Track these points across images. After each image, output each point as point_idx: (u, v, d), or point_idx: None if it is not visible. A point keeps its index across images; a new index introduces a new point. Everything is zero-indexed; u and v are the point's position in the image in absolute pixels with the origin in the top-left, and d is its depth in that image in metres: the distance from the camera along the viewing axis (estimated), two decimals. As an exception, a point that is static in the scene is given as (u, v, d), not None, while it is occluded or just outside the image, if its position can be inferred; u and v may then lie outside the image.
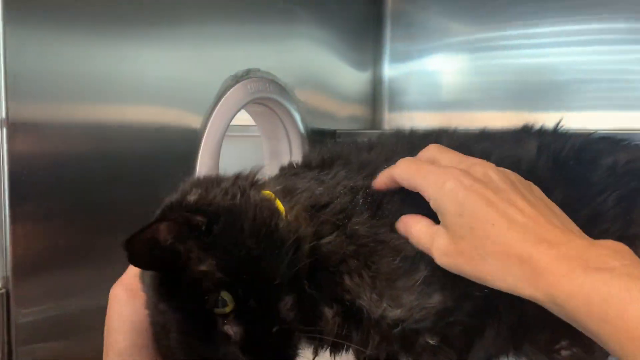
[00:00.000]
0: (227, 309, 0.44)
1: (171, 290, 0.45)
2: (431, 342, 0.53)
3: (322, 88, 1.11)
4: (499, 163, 0.57)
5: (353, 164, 0.59)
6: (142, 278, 0.51)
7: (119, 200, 0.69)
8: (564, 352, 0.64)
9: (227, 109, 0.82)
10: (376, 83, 1.33)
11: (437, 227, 0.50)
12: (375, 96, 1.34)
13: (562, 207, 0.57)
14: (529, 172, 0.58)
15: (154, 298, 0.48)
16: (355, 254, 0.51)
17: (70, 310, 0.65)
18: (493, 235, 0.46)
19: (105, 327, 0.52)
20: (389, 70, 1.33)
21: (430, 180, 0.50)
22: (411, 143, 0.63)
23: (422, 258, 0.51)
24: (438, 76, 1.28)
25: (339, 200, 0.53)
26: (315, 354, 0.55)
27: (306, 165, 0.61)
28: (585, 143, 0.66)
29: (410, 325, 0.52)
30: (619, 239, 0.59)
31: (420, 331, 0.53)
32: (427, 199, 0.50)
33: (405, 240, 0.52)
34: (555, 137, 0.67)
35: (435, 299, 0.52)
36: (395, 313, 0.51)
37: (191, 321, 0.45)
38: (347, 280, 0.51)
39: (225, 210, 0.47)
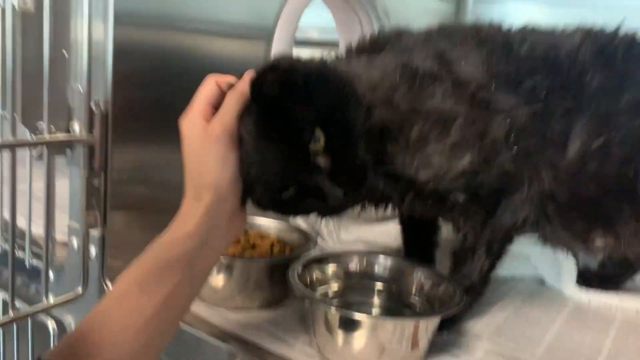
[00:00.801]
0: (319, 145, 0.52)
1: (274, 129, 0.53)
2: (460, 199, 0.59)
3: (403, 5, 1.13)
4: (534, 46, 0.64)
5: (396, 48, 0.65)
6: (242, 122, 0.55)
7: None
8: (598, 241, 0.67)
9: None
10: (459, 18, 1.33)
11: None
12: None
13: (597, 91, 0.61)
14: (567, 56, 0.62)
15: (256, 136, 0.53)
16: (395, 122, 0.59)
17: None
18: None
19: (187, 160, 0.54)
20: (473, 7, 1.32)
21: None
22: (451, 32, 0.68)
23: (454, 123, 0.57)
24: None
25: (387, 79, 0.60)
26: (363, 207, 0.63)
27: (362, 49, 0.68)
28: (638, 40, 0.66)
29: (441, 184, 0.58)
30: None
31: (450, 189, 0.59)
32: None
33: (438, 106, 0.58)
34: (606, 33, 0.67)
35: (465, 161, 0.58)
36: (425, 173, 0.59)
37: (290, 154, 0.52)
38: (387, 147, 0.59)
39: (318, 72, 0.55)
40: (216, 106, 0.55)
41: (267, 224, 0.78)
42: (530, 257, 0.87)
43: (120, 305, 0.49)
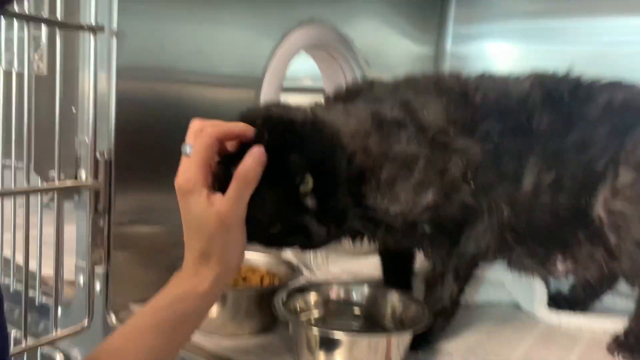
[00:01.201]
0: (308, 187, 0.59)
1: (269, 172, 0.56)
2: (427, 230, 0.66)
3: (382, 53, 1.22)
4: (487, 94, 0.72)
5: (368, 97, 0.73)
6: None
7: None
8: (559, 265, 0.73)
9: (289, 49, 0.95)
10: (438, 60, 1.41)
11: None
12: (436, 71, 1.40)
13: (546, 131, 0.69)
14: (517, 102, 0.70)
15: None
16: (369, 166, 0.66)
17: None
18: None
19: (192, 231, 0.56)
20: (451, 48, 1.39)
21: None
22: (415, 82, 0.76)
23: (417, 164, 0.65)
24: (495, 60, 1.33)
25: (362, 126, 0.68)
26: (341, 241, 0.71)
27: (339, 98, 0.76)
28: (583, 83, 0.74)
29: (408, 218, 0.66)
30: (610, 164, 0.69)
31: (417, 222, 0.65)
32: None
33: (403, 150, 0.66)
34: (553, 77, 0.75)
35: (428, 197, 0.66)
36: (394, 209, 0.66)
37: (282, 195, 0.58)
38: (363, 188, 0.66)
39: (312, 123, 0.62)
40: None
41: (257, 258, 0.84)
42: (504, 283, 0.93)
43: (136, 342, 0.55)
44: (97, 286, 0.78)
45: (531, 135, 0.71)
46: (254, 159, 0.55)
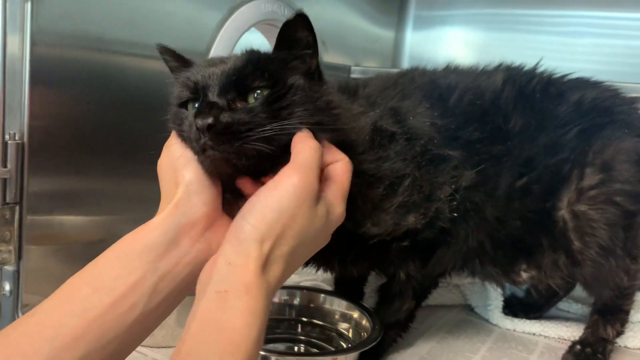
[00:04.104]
0: None
1: None
2: (403, 244, 0.61)
3: (341, 35, 1.14)
4: (462, 94, 0.65)
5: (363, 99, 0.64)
6: None
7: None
8: (523, 274, 0.69)
9: (238, 24, 0.86)
10: (398, 44, 1.35)
11: None
12: (395, 56, 1.35)
13: (520, 134, 0.63)
14: (492, 102, 0.64)
15: None
16: (358, 186, 0.57)
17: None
18: None
19: (162, 170, 0.50)
20: (412, 33, 1.34)
21: None
22: (386, 81, 0.69)
23: (402, 184, 0.58)
24: (456, 46, 1.29)
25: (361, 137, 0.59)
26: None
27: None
28: (554, 79, 0.70)
29: (385, 237, 0.59)
30: (576, 166, 0.64)
31: (393, 241, 0.60)
32: None
33: (391, 167, 0.58)
34: (525, 72, 0.70)
35: (409, 220, 0.59)
36: (373, 230, 0.59)
37: None
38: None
39: None
40: None
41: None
42: (459, 286, 0.89)
43: (62, 305, 0.43)
44: (7, 286, 0.68)
45: (507, 140, 0.65)
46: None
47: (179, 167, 0.49)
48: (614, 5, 1.11)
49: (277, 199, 0.44)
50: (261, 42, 1.05)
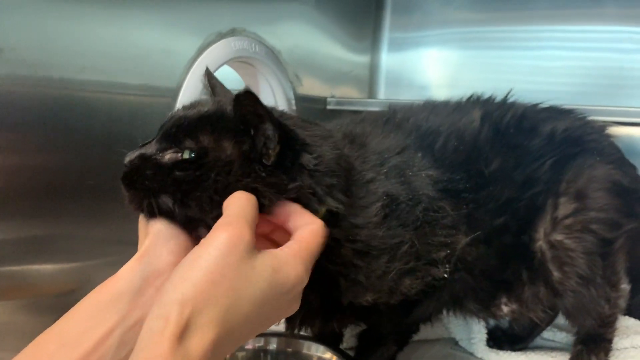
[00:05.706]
0: None
1: None
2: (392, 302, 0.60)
3: (315, 65, 1.13)
4: (446, 141, 0.65)
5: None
6: None
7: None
8: (504, 308, 0.68)
9: (209, 62, 0.86)
10: (373, 69, 1.34)
11: None
12: (372, 81, 1.34)
13: (498, 175, 0.63)
14: (472, 145, 0.64)
15: None
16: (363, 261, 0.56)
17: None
18: None
19: (139, 218, 0.50)
20: (387, 56, 1.33)
21: None
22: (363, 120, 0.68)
23: (399, 250, 0.57)
24: (432, 68, 1.29)
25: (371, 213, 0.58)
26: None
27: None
28: (527, 111, 0.70)
29: (375, 300, 0.59)
30: (550, 196, 0.64)
31: (378, 300, 0.59)
32: None
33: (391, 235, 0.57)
34: (499, 106, 0.70)
35: (405, 284, 0.59)
36: (367, 297, 0.58)
37: None
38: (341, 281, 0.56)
39: None
40: None
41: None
42: (442, 319, 0.87)
43: None
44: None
45: (489, 184, 0.64)
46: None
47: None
48: (583, 19, 1.09)
49: (203, 255, 0.42)
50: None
